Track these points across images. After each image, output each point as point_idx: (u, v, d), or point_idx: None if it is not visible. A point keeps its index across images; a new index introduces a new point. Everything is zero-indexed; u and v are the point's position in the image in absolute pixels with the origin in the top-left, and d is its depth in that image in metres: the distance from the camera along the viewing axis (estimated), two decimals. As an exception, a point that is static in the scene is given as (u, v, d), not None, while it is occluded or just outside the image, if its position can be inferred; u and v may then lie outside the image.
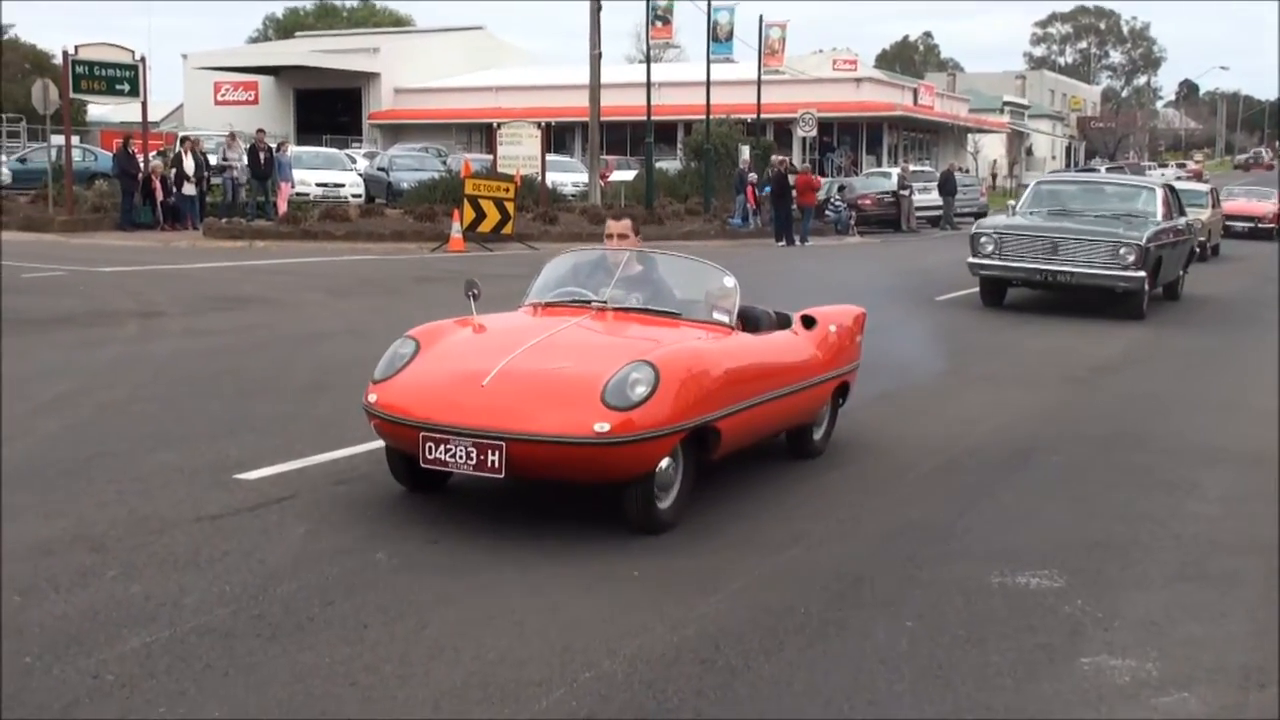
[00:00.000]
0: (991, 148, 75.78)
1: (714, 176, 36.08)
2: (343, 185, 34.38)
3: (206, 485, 6.92)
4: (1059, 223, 17.33)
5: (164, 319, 14.13)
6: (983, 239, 17.18)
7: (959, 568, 6.11)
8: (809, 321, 8.30)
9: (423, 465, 6.30)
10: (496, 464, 6.06)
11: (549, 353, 6.62)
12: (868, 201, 37.28)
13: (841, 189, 37.71)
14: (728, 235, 31.69)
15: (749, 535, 6.57)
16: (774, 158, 34.92)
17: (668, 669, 4.75)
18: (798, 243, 30.73)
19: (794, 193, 31.49)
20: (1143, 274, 16.22)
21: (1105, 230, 16.72)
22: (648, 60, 39.38)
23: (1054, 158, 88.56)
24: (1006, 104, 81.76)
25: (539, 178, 30.91)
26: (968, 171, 56.31)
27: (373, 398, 6.61)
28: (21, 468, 7.31)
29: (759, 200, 33.43)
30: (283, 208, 28.87)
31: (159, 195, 27.60)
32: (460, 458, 6.12)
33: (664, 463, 6.34)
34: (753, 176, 33.59)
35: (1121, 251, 16.23)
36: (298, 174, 31.64)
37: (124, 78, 27.68)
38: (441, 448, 6.16)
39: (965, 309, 17.50)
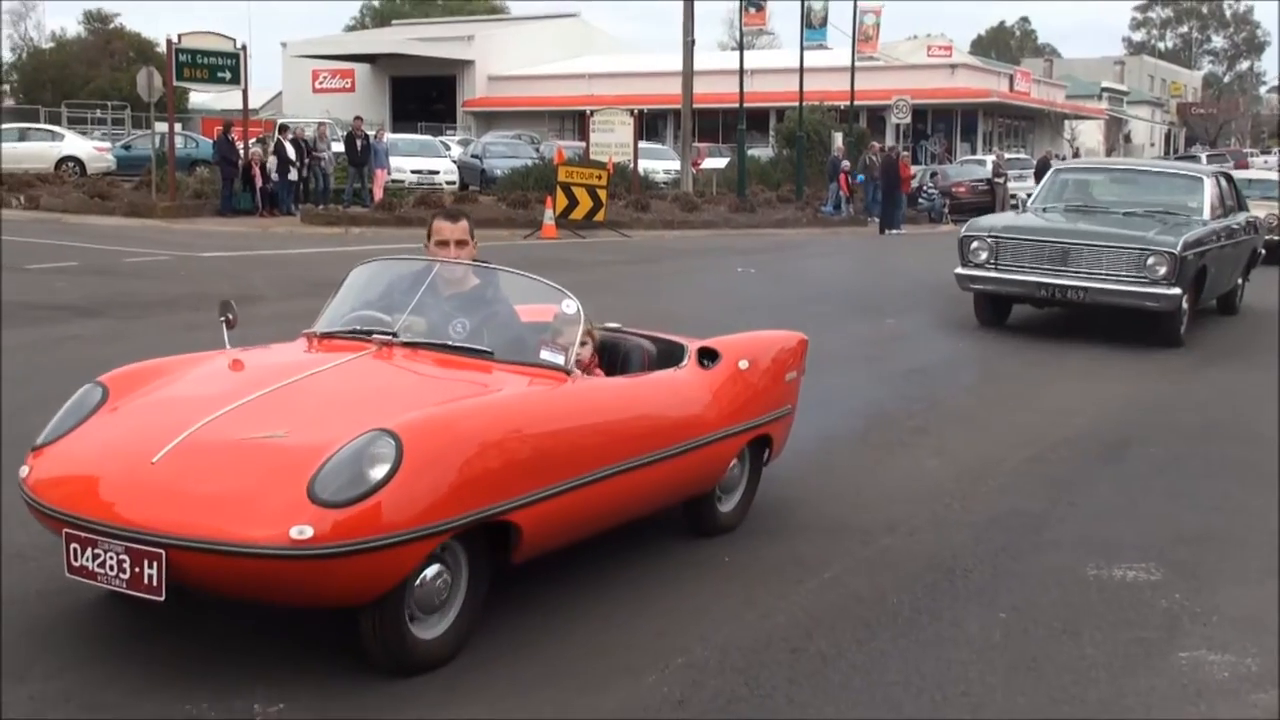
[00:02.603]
0: (1089, 134, 74.66)
1: (806, 164, 35.91)
2: (437, 172, 34.68)
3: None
4: (1074, 223, 13.97)
5: (263, 303, 14.37)
6: (974, 244, 13.61)
7: (1054, 559, 6.06)
8: (709, 356, 6.28)
9: (68, 574, 4.45)
10: (154, 580, 4.23)
11: (270, 412, 4.73)
12: (961, 189, 36.88)
13: (934, 176, 37.36)
14: (820, 223, 31.54)
15: (841, 523, 6.56)
16: (874, 144, 34.64)
17: (759, 656, 4.77)
18: (888, 230, 30.48)
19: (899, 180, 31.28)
20: (1177, 291, 12.56)
21: (1130, 234, 13.10)
22: (740, 47, 39.24)
23: (1152, 144, 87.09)
24: (1105, 90, 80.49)
25: (631, 165, 30.98)
26: (1064, 159, 55.51)
27: (23, 471, 4.80)
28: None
29: (852, 187, 33.23)
30: (379, 194, 29.20)
31: (258, 182, 28.04)
32: (110, 568, 4.30)
33: (430, 571, 4.53)
34: (845, 164, 33.38)
35: (1149, 261, 12.59)
36: (393, 161, 31.98)
37: (225, 66, 28.12)
38: (89, 552, 4.35)
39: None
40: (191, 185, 29.39)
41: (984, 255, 13.51)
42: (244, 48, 28.55)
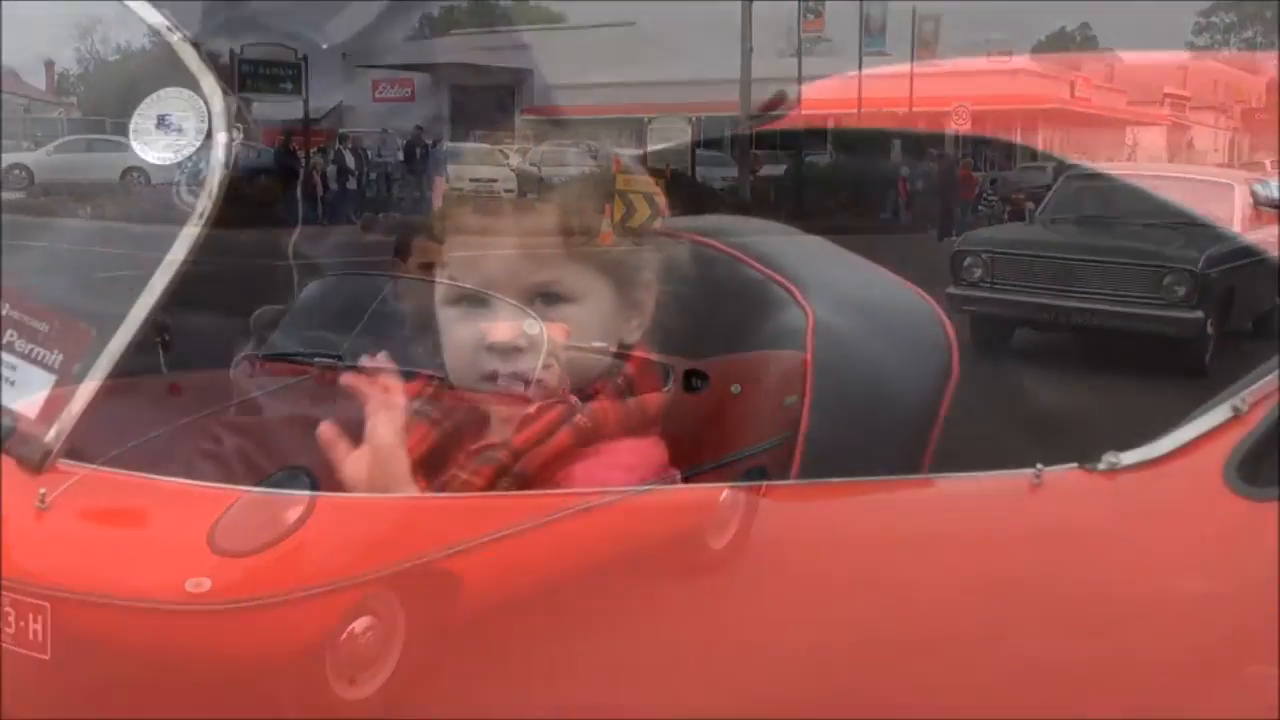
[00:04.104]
0: (1151, 140, 74.10)
1: (864, 170, 35.87)
2: (496, 180, 34.89)
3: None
4: (1082, 237, 12.81)
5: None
6: (968, 260, 12.62)
7: (1116, 567, 5.97)
8: (696, 378, 6.50)
9: None
10: (39, 637, 3.71)
11: (184, 446, 4.28)
12: (1021, 195, 36.73)
13: (994, 182, 37.22)
14: (878, 229, 31.48)
15: (893, 530, 6.50)
16: (932, 150, 34.55)
17: (811, 665, 4.73)
18: (947, 237, 30.44)
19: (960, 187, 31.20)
20: (1199, 315, 11.33)
21: (1144, 249, 11.89)
22: (799, 55, 39.25)
23: (1216, 150, 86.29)
24: (1167, 96, 79.97)
25: (689, 172, 31.06)
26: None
27: None
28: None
29: (910, 194, 33.17)
30: (438, 202, 29.49)
31: (318, 191, 28.33)
32: None
33: (358, 624, 3.96)
34: (904, 170, 33.30)
35: (1166, 281, 11.47)
36: (451, 169, 32.26)
37: (287, 76, 28.50)
38: None
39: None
40: (252, 194, 29.85)
41: (978, 272, 12.43)
42: (305, 58, 28.90)
